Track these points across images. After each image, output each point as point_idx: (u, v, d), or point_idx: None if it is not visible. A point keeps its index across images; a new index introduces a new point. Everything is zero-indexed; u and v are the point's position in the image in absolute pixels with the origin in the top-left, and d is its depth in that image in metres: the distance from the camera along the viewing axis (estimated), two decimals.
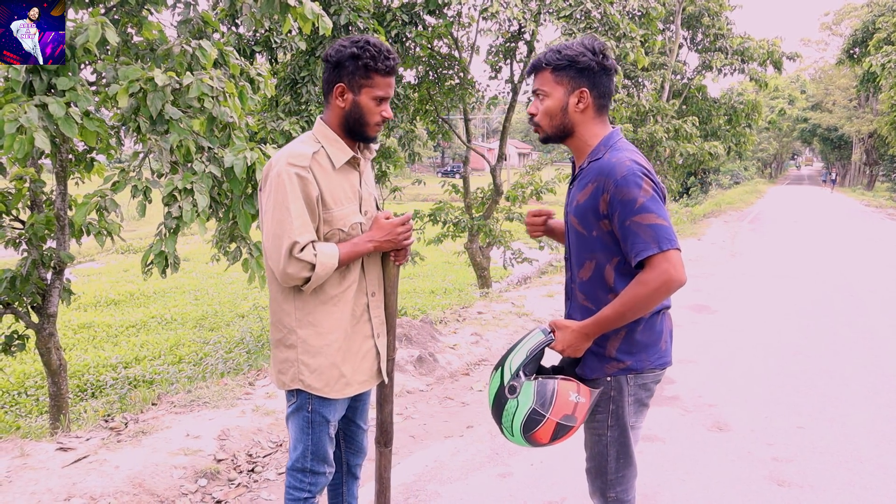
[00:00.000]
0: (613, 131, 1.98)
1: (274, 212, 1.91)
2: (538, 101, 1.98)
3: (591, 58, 1.90)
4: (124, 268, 17.83)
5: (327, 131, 2.03)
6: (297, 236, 1.88)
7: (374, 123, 2.01)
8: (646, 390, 2.02)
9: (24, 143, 3.28)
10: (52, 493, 2.91)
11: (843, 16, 40.85)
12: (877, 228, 16.63)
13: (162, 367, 9.40)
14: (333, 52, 1.96)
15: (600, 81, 1.93)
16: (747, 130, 21.99)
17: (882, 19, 22.68)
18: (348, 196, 2.04)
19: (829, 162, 53.77)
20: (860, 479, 3.33)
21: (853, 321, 6.74)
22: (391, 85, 2.00)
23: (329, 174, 1.99)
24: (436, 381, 4.93)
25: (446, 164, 57.57)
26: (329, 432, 2.12)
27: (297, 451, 2.11)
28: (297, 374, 2.03)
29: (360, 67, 1.93)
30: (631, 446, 2.05)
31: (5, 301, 4.57)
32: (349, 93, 1.97)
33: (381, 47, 1.95)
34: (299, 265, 1.89)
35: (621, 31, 10.43)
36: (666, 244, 1.78)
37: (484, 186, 12.72)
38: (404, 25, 9.33)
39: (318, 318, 2.01)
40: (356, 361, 2.09)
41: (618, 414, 1.99)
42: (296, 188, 1.90)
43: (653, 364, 1.97)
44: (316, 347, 2.01)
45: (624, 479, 2.06)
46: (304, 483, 2.13)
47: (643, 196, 1.80)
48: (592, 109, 1.95)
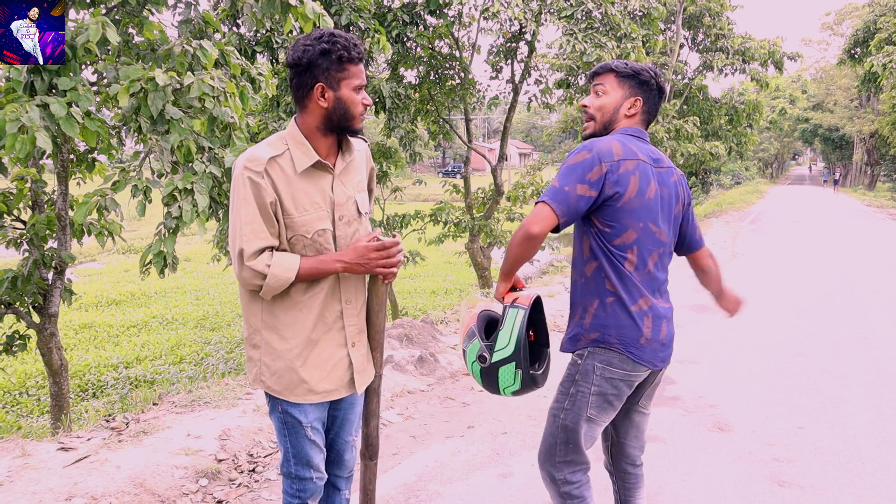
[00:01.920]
0: (626, 128, 2.16)
1: (231, 215, 1.89)
2: (596, 96, 2.20)
3: (652, 76, 2.15)
4: (125, 268, 17.85)
5: (297, 133, 1.94)
6: (245, 243, 1.84)
7: (358, 115, 1.95)
8: (612, 387, 2.09)
9: (25, 142, 3.28)
10: (53, 493, 2.91)
11: (845, 16, 40.84)
12: (878, 229, 16.61)
13: (163, 367, 9.41)
14: (301, 54, 1.87)
15: (652, 98, 2.18)
16: (748, 130, 21.99)
17: (883, 19, 22.65)
18: (314, 202, 1.94)
19: (831, 162, 53.71)
20: (861, 480, 3.33)
21: (854, 321, 6.73)
22: (363, 72, 1.95)
23: (290, 179, 1.90)
24: (437, 382, 4.93)
25: (447, 165, 57.58)
26: (307, 434, 2.04)
27: (281, 455, 2.09)
28: (259, 374, 2.02)
29: (333, 62, 1.87)
30: (580, 439, 2.14)
31: (7, 301, 4.58)
32: (329, 90, 1.89)
33: (347, 37, 1.89)
34: (249, 272, 1.85)
35: (622, 32, 10.43)
36: (543, 196, 2.00)
37: (485, 186, 12.72)
38: (405, 25, 9.34)
39: (282, 321, 1.96)
40: (324, 369, 2.01)
41: (576, 399, 2.12)
42: (248, 193, 1.84)
43: (623, 349, 2.06)
44: (277, 351, 1.97)
45: (573, 463, 2.17)
46: (292, 489, 2.10)
47: (564, 165, 2.04)
48: (638, 118, 2.18)
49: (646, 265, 2.08)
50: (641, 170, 2.04)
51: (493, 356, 2.15)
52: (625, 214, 2.03)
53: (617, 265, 2.05)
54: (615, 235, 2.04)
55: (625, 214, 2.03)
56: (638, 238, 2.05)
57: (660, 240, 2.10)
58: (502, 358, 2.14)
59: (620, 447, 2.35)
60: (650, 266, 2.09)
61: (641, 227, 2.05)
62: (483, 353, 2.17)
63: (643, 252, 2.07)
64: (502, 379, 2.17)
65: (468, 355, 2.25)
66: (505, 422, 4.09)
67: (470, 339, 2.26)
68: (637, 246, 2.05)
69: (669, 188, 2.15)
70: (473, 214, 12.26)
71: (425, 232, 12.02)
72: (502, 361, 2.14)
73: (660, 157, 2.16)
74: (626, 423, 2.31)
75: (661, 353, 2.13)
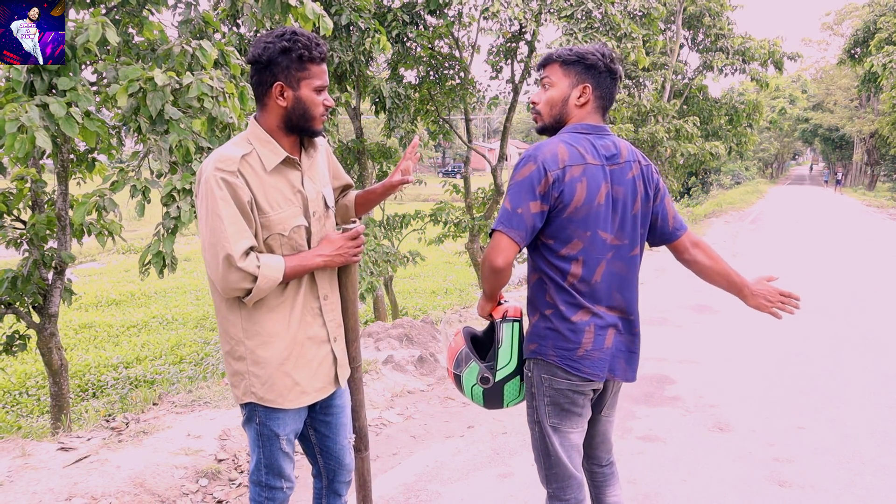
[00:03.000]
0: (577, 125, 2.02)
1: (207, 220, 1.80)
2: (543, 90, 2.06)
3: (599, 58, 1.99)
4: (125, 268, 17.85)
5: (260, 132, 1.91)
6: (233, 245, 1.78)
7: (318, 115, 1.92)
8: (564, 396, 2.01)
9: (25, 142, 3.28)
10: (53, 493, 2.91)
11: (845, 16, 40.83)
12: (878, 229, 16.61)
13: (163, 367, 9.41)
14: (261, 51, 1.84)
15: (604, 82, 2.02)
16: (748, 130, 21.99)
17: (883, 19, 22.65)
18: (287, 198, 1.92)
19: (831, 162, 53.72)
20: (861, 480, 3.32)
21: (854, 321, 6.73)
22: (326, 72, 1.91)
23: (262, 177, 1.87)
24: (437, 382, 4.92)
25: (447, 164, 57.57)
26: (281, 447, 2.01)
27: (252, 464, 2.06)
28: (248, 386, 1.94)
29: (294, 60, 1.84)
30: (556, 449, 2.05)
31: (7, 301, 4.58)
32: (288, 90, 1.86)
33: (309, 36, 1.85)
34: (239, 275, 1.79)
35: (622, 32, 10.43)
36: (496, 224, 1.92)
37: (485, 186, 12.73)
38: (405, 25, 9.34)
39: (265, 326, 1.91)
40: (312, 368, 1.99)
41: (537, 409, 2.06)
42: (225, 194, 1.80)
43: (564, 362, 1.97)
44: (265, 358, 1.92)
45: (557, 477, 2.07)
46: (261, 497, 2.08)
47: (513, 180, 1.94)
48: (591, 106, 2.03)
49: (592, 274, 1.97)
50: (589, 174, 1.92)
51: (497, 375, 2.10)
52: (570, 224, 1.92)
53: (556, 279, 1.96)
54: (560, 247, 1.95)
55: (570, 224, 1.92)
56: (584, 247, 1.94)
57: (611, 245, 1.98)
58: (506, 375, 2.10)
59: (586, 449, 2.26)
60: (598, 275, 1.97)
61: (589, 236, 1.94)
62: (485, 375, 2.11)
63: (590, 261, 1.96)
64: (507, 395, 2.14)
65: (465, 379, 2.16)
66: (505, 422, 4.09)
67: (465, 362, 2.17)
68: (583, 256, 1.95)
69: (625, 186, 2.00)
70: (473, 214, 12.27)
71: (425, 232, 12.02)
72: (506, 378, 2.10)
73: (616, 153, 2.01)
74: (590, 429, 2.22)
75: (610, 363, 2.02)
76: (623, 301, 2.05)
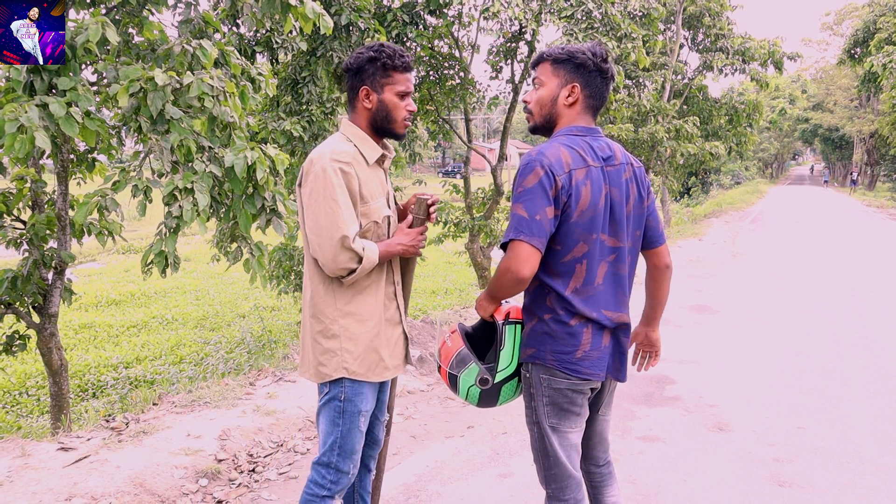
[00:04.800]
0: (572, 126, 2.02)
1: (323, 205, 2.01)
2: (534, 90, 2.09)
3: (589, 57, 1.99)
4: (125, 268, 17.84)
5: (357, 131, 2.16)
6: (348, 228, 2.00)
7: (401, 119, 2.15)
8: (563, 396, 2.02)
9: (24, 142, 3.28)
10: (53, 493, 2.91)
11: (844, 16, 40.81)
12: (878, 229, 16.61)
13: (163, 368, 9.41)
14: (353, 61, 2.12)
15: (594, 81, 2.02)
16: (748, 130, 21.97)
17: (883, 19, 22.64)
18: (379, 191, 2.17)
19: (831, 162, 53.71)
20: (861, 480, 3.32)
21: (854, 322, 6.73)
22: (410, 80, 2.15)
23: (365, 170, 2.12)
24: (437, 382, 4.92)
25: (447, 165, 57.55)
26: (359, 424, 2.16)
27: (326, 445, 2.15)
28: (341, 362, 2.11)
29: (379, 68, 2.09)
30: (555, 449, 2.05)
31: (6, 301, 4.57)
32: (373, 93, 2.12)
33: (395, 48, 2.11)
34: (349, 255, 2.00)
35: (622, 32, 10.42)
36: (515, 233, 1.88)
37: (485, 186, 12.70)
38: (405, 25, 9.33)
39: (357, 306, 2.11)
40: (391, 346, 2.20)
41: (534, 411, 2.07)
42: (341, 182, 2.02)
43: (561, 365, 1.98)
44: (357, 335, 2.11)
45: (556, 477, 2.07)
46: (325, 479, 2.15)
47: (522, 187, 1.90)
48: (580, 106, 2.03)
49: (594, 278, 1.97)
50: (592, 177, 1.93)
51: (497, 377, 2.10)
52: (577, 228, 1.92)
53: (556, 286, 1.96)
54: (565, 253, 1.94)
55: (577, 228, 1.92)
56: (588, 251, 1.95)
57: (610, 247, 2.00)
58: (506, 377, 2.10)
59: (584, 450, 2.26)
60: (599, 278, 1.98)
61: (594, 239, 1.94)
62: (485, 377, 2.11)
63: (592, 264, 1.96)
64: (504, 395, 2.15)
65: (462, 380, 2.14)
66: (505, 422, 4.09)
67: (463, 363, 2.14)
68: (587, 259, 1.95)
69: (620, 188, 2.00)
70: (473, 214, 12.25)
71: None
72: (505, 380, 2.11)
73: (611, 155, 2.02)
74: (588, 429, 2.23)
75: (607, 363, 2.04)
76: (620, 303, 2.05)
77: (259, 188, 4.27)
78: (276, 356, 5.88)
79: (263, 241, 4.87)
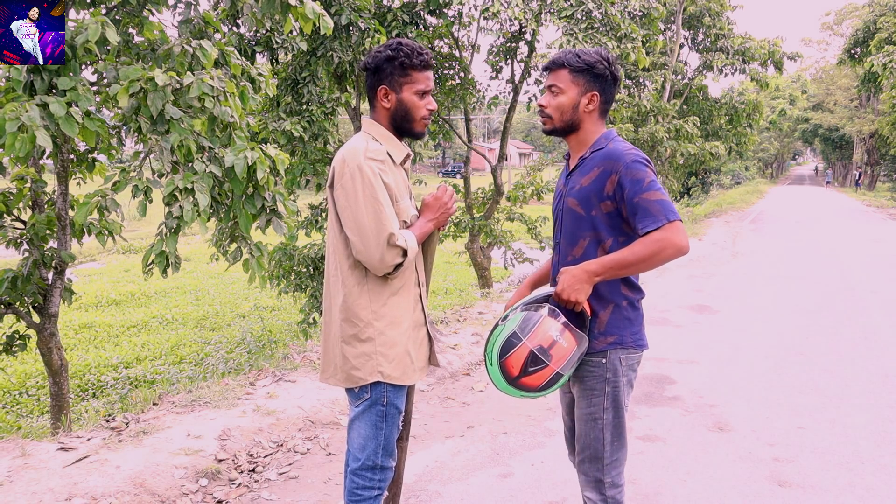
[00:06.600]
0: (611, 129, 2.20)
1: (364, 205, 1.98)
2: (551, 95, 2.15)
3: (605, 67, 2.11)
4: (125, 268, 17.84)
5: (381, 130, 2.13)
6: (392, 225, 1.99)
7: (420, 118, 2.12)
8: (633, 371, 2.17)
9: (25, 141, 3.28)
10: (53, 493, 2.91)
11: (844, 16, 40.81)
12: (878, 229, 16.61)
13: (163, 367, 9.41)
14: (371, 60, 2.08)
15: (609, 89, 2.15)
16: (748, 130, 21.98)
17: (883, 19, 22.64)
18: (405, 191, 2.16)
19: (832, 162, 53.72)
20: (861, 480, 3.32)
21: (855, 321, 6.73)
22: (430, 78, 2.11)
23: (393, 169, 2.11)
24: (437, 381, 4.92)
25: (447, 164, 57.54)
26: (398, 423, 2.21)
27: (368, 450, 2.15)
28: (375, 366, 2.08)
29: (397, 67, 2.05)
30: (625, 427, 2.17)
31: (7, 301, 4.57)
32: (392, 93, 2.09)
33: (413, 45, 2.07)
34: (396, 251, 1.99)
35: (622, 32, 10.42)
36: (672, 216, 1.95)
37: (485, 186, 12.71)
38: (405, 25, 9.33)
39: (390, 309, 2.10)
40: (417, 348, 2.20)
41: (615, 395, 2.13)
42: (380, 181, 2.00)
43: (637, 343, 2.13)
44: (392, 338, 2.10)
45: (618, 462, 2.17)
46: (373, 481, 2.17)
47: (649, 176, 1.99)
48: (597, 112, 2.16)
49: None
50: None
51: None
52: None
53: None
54: (635, 237, 2.07)
55: None
56: None
57: None
58: None
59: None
60: None
61: None
62: None
63: None
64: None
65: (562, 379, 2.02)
66: (505, 422, 4.09)
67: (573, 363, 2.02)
68: None
69: None
70: (473, 214, 12.25)
71: None
72: None
73: None
74: None
75: None
76: None
77: (259, 188, 4.27)
78: (276, 356, 5.88)
79: (263, 242, 4.87)
